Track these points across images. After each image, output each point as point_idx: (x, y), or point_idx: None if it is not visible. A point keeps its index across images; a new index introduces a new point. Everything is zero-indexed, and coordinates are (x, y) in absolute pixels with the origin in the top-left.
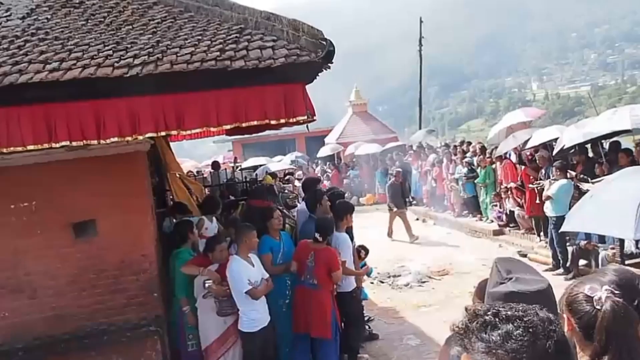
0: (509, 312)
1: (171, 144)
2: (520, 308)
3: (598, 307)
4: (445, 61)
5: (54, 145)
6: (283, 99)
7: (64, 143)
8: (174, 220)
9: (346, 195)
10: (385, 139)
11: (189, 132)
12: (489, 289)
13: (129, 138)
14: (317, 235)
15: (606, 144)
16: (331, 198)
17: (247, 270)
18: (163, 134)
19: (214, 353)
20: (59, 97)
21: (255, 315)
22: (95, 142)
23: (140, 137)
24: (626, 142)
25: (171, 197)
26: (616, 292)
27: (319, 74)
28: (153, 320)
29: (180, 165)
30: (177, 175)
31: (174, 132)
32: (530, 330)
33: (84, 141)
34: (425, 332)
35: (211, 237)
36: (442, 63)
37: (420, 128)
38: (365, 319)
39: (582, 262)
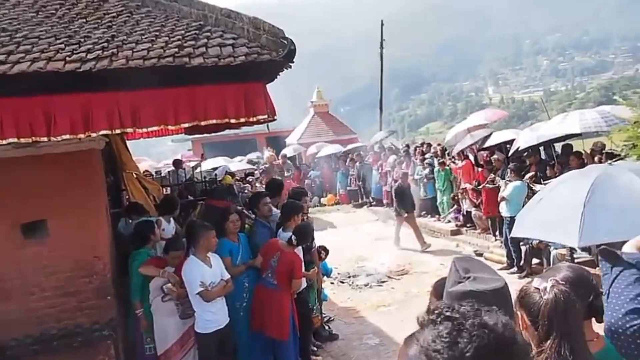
0: (447, 313)
1: (127, 142)
2: (467, 309)
3: (544, 296)
4: (406, 64)
5: (0, 142)
6: (243, 98)
7: (11, 140)
8: (130, 221)
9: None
10: (347, 140)
11: (145, 130)
12: (447, 288)
13: (82, 135)
14: (293, 238)
15: (558, 147)
16: (292, 196)
17: (202, 271)
18: (118, 131)
19: (174, 355)
20: (6, 91)
21: (210, 317)
22: (45, 139)
23: (94, 135)
24: (577, 145)
25: (127, 197)
26: (563, 285)
27: (280, 73)
28: (106, 325)
29: (137, 164)
30: (134, 175)
31: (129, 130)
32: (454, 332)
33: (33, 138)
34: (385, 332)
35: (170, 240)
36: (402, 66)
37: (380, 129)
38: (326, 319)
39: (535, 260)
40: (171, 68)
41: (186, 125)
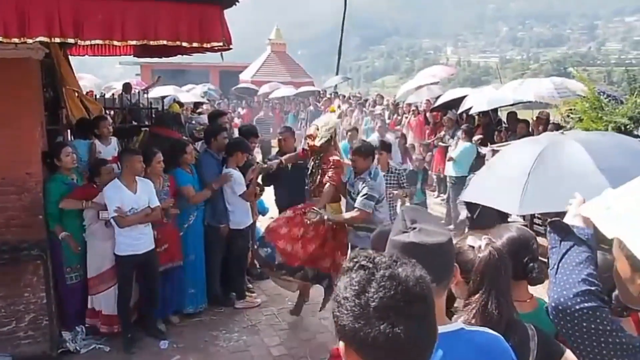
0: (363, 262)
1: (71, 58)
2: (382, 259)
3: (479, 254)
4: (369, 15)
5: None
6: (198, 20)
7: None
8: (70, 139)
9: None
10: (301, 83)
11: (89, 42)
12: (391, 236)
13: (16, 40)
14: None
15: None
16: (241, 134)
17: (121, 196)
18: (58, 41)
19: (109, 279)
20: None
21: (123, 240)
22: None
23: (30, 41)
24: (523, 114)
25: (66, 114)
26: (495, 245)
27: (239, 1)
28: (35, 244)
29: (78, 81)
30: (75, 93)
31: (70, 41)
32: (364, 281)
33: None
34: None
35: (96, 160)
36: (365, 16)
37: (337, 75)
38: None
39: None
40: None
41: (134, 43)
